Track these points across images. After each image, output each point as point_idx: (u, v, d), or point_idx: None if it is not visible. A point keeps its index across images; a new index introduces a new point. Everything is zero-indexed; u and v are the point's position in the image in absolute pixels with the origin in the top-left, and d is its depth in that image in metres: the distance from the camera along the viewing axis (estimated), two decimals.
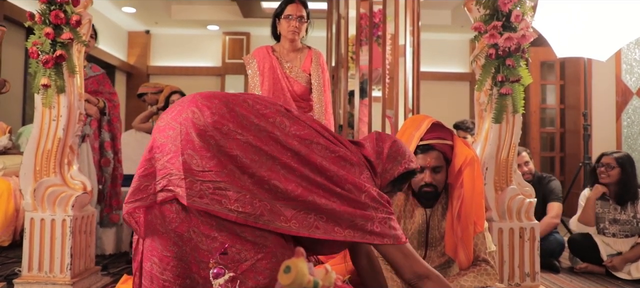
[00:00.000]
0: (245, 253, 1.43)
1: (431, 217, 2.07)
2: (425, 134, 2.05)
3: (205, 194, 1.40)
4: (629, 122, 5.05)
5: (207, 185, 1.40)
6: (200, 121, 1.45)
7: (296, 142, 1.52)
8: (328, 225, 1.47)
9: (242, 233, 1.43)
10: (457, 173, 2.03)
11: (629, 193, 3.34)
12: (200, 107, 1.48)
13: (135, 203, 1.47)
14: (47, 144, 2.55)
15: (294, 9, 2.81)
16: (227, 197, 1.40)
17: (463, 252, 1.97)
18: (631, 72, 5.03)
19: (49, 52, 2.48)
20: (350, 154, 1.59)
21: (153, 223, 1.48)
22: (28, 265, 2.52)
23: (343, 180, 1.52)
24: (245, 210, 1.40)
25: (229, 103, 1.50)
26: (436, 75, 8.01)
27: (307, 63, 2.90)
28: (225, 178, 1.41)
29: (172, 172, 1.43)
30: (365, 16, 4.23)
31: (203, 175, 1.40)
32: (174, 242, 1.45)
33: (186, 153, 1.42)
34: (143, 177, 1.48)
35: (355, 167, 1.57)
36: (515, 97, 2.51)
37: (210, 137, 1.43)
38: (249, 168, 1.44)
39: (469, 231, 1.96)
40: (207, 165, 1.41)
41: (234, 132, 1.46)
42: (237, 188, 1.41)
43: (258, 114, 1.52)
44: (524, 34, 2.45)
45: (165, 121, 1.51)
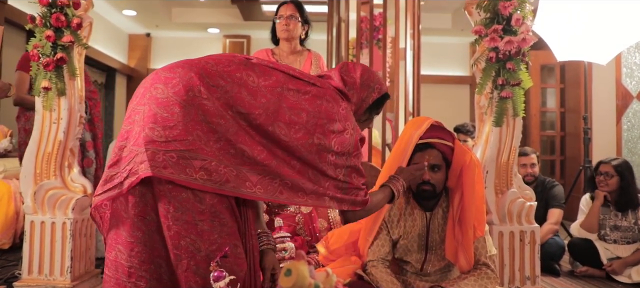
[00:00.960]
0: (200, 243, 1.40)
1: (431, 221, 2.06)
2: (425, 133, 2.05)
3: (169, 164, 1.36)
4: (629, 125, 5.05)
5: (170, 154, 1.37)
6: (163, 94, 1.42)
7: (266, 95, 1.50)
8: (292, 191, 1.49)
9: (201, 223, 1.41)
10: (458, 176, 2.03)
11: (629, 200, 3.34)
12: (162, 80, 1.45)
13: (102, 196, 1.45)
14: (48, 147, 2.55)
15: (284, 9, 2.86)
16: (191, 165, 1.37)
17: (463, 256, 1.96)
18: (631, 76, 5.03)
19: (50, 54, 2.48)
20: (322, 90, 1.59)
21: (117, 212, 1.45)
22: (28, 268, 2.51)
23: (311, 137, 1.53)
24: (211, 178, 1.38)
25: (192, 67, 1.47)
26: (436, 78, 8.01)
27: (307, 65, 2.92)
28: (190, 146, 1.38)
29: (137, 152, 1.40)
30: (366, 19, 4.23)
31: (166, 145, 1.37)
32: (137, 226, 1.42)
33: (148, 127, 1.39)
34: (110, 167, 1.45)
35: (331, 102, 1.57)
36: (515, 100, 2.51)
37: (173, 106, 1.41)
38: (214, 133, 1.42)
39: (469, 235, 1.95)
40: (170, 134, 1.38)
41: (199, 98, 1.43)
42: (202, 156, 1.38)
43: (223, 73, 1.49)
44: (525, 37, 2.45)
45: (131, 108, 1.49)
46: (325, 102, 1.56)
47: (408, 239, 2.05)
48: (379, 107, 1.79)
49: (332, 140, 1.55)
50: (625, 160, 3.47)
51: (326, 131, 1.54)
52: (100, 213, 1.50)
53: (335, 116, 1.56)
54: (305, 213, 2.39)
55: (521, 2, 2.49)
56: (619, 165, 3.37)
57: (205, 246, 1.40)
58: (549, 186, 3.73)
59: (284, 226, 2.31)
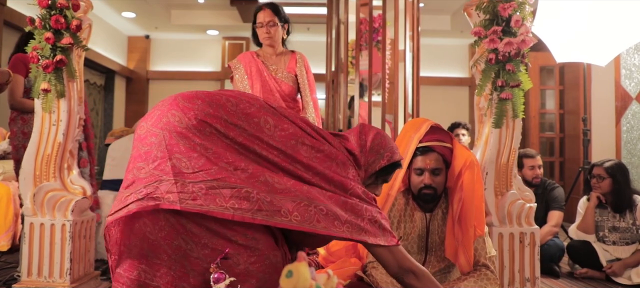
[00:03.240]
0: (238, 257, 1.39)
1: (431, 222, 2.07)
2: (424, 136, 2.06)
3: (198, 196, 1.35)
4: (629, 127, 5.05)
5: (199, 185, 1.35)
6: (182, 123, 1.41)
7: (282, 142, 1.50)
8: (328, 218, 1.43)
9: (234, 237, 1.40)
10: (457, 176, 2.04)
11: (623, 201, 3.34)
12: (182, 109, 1.44)
13: (115, 215, 1.42)
14: (47, 149, 2.55)
15: (262, 16, 2.89)
16: (221, 195, 1.35)
17: (463, 256, 1.97)
18: (630, 77, 5.04)
19: (49, 56, 2.48)
20: (335, 151, 1.58)
21: (142, 233, 1.41)
22: (27, 270, 2.51)
23: (330, 180, 1.52)
24: (242, 207, 1.35)
25: (212, 103, 1.47)
26: (436, 80, 8.02)
27: (291, 64, 2.97)
28: (218, 175, 1.36)
29: (161, 178, 1.37)
30: (365, 21, 4.24)
31: (194, 176, 1.36)
32: (163, 249, 1.39)
33: (174, 157, 1.37)
34: (126, 188, 1.43)
35: (340, 166, 1.57)
36: (515, 101, 2.51)
37: (193, 138, 1.40)
38: (239, 164, 1.41)
39: (469, 234, 1.96)
40: (197, 165, 1.37)
41: (218, 133, 1.43)
42: (231, 185, 1.36)
43: (242, 114, 1.49)
44: (524, 39, 2.45)
45: (145, 129, 1.46)
46: (335, 165, 1.56)
47: (408, 240, 2.06)
48: (388, 174, 1.75)
49: (348, 183, 1.56)
50: (618, 163, 3.48)
51: (340, 176, 1.55)
52: (109, 233, 1.48)
53: (345, 182, 1.55)
54: None
55: (521, 4, 2.49)
56: (610, 167, 3.38)
57: (244, 259, 1.40)
58: (550, 188, 3.74)
59: None
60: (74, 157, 2.69)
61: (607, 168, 3.38)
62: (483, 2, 2.52)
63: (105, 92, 8.14)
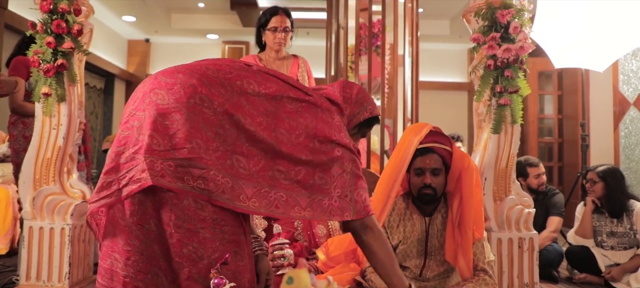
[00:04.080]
0: (202, 251, 1.39)
1: (431, 226, 2.07)
2: (424, 138, 2.07)
3: (166, 173, 1.35)
4: (627, 132, 5.07)
5: (168, 163, 1.36)
6: (164, 101, 1.41)
7: (264, 104, 1.51)
8: (288, 205, 1.46)
9: (202, 231, 1.39)
10: (456, 180, 2.05)
11: (616, 205, 3.35)
12: (163, 86, 1.44)
13: (99, 202, 1.42)
14: (47, 153, 2.56)
15: (278, 21, 2.80)
16: (190, 174, 1.36)
17: (463, 259, 1.97)
18: (628, 83, 5.05)
19: (50, 61, 2.48)
20: (319, 100, 1.60)
21: (114, 220, 1.43)
22: (26, 274, 2.51)
23: (315, 135, 1.53)
24: (208, 187, 1.37)
25: (193, 73, 1.46)
26: (435, 84, 8.03)
27: (294, 69, 2.93)
28: (189, 155, 1.37)
29: (138, 161, 1.38)
30: (365, 26, 4.25)
31: (165, 154, 1.36)
32: (135, 235, 1.40)
33: (147, 135, 1.38)
34: (107, 173, 1.42)
35: (326, 113, 1.59)
36: (513, 107, 2.52)
37: (174, 113, 1.39)
38: (214, 142, 1.41)
39: (468, 237, 1.96)
40: (170, 143, 1.37)
41: (201, 105, 1.42)
42: (201, 165, 1.37)
43: (224, 82, 1.48)
44: (522, 45, 2.47)
45: (128, 112, 1.47)
46: (321, 112, 1.58)
47: (407, 244, 2.07)
48: (368, 127, 1.81)
49: (334, 137, 1.55)
50: (611, 168, 3.49)
51: (327, 130, 1.55)
52: (95, 220, 1.48)
53: (331, 125, 1.57)
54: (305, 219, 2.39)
55: (519, 10, 2.51)
56: (602, 172, 3.40)
57: (208, 254, 1.39)
58: (550, 194, 3.75)
59: (282, 232, 2.31)
60: (73, 161, 2.69)
61: (598, 173, 3.40)
62: (482, 9, 2.54)
63: (105, 95, 8.15)
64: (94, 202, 1.43)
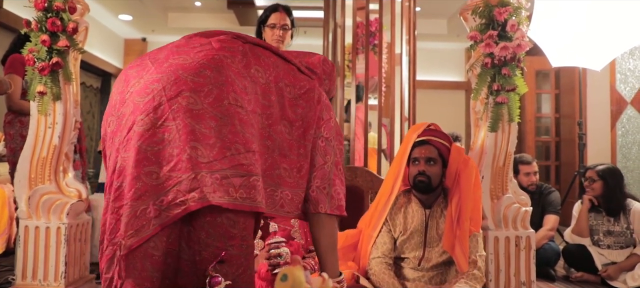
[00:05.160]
0: (227, 268, 1.30)
1: (430, 217, 2.17)
2: (423, 132, 2.22)
3: (216, 188, 1.23)
4: (624, 131, 5.07)
5: (215, 176, 1.23)
6: (196, 105, 1.26)
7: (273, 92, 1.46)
8: (293, 203, 1.43)
9: (231, 247, 1.29)
10: (455, 177, 2.13)
11: (614, 204, 3.36)
12: (190, 87, 1.28)
13: (138, 235, 1.21)
14: (43, 151, 2.54)
15: (277, 17, 2.78)
16: (232, 184, 1.25)
17: (460, 249, 2.05)
18: (625, 82, 5.06)
19: (45, 59, 2.47)
20: (312, 83, 1.59)
21: (138, 259, 1.24)
22: (22, 273, 2.50)
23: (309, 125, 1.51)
24: (250, 196, 1.27)
25: (219, 69, 1.34)
26: (432, 83, 8.03)
27: None
28: (230, 163, 1.26)
29: (178, 179, 1.22)
30: (362, 25, 4.24)
31: (211, 166, 1.23)
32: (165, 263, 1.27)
33: (189, 147, 1.22)
34: (138, 199, 1.22)
35: (319, 98, 1.58)
36: (511, 106, 2.52)
37: (209, 119, 1.26)
38: (252, 143, 1.32)
39: (464, 229, 2.05)
40: (211, 153, 1.24)
41: (234, 105, 1.31)
42: (240, 172, 1.27)
43: (242, 71, 1.40)
44: (520, 43, 2.46)
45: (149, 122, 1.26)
46: (314, 93, 1.56)
47: (407, 235, 2.16)
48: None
49: (322, 126, 1.55)
50: (610, 167, 3.50)
51: (319, 118, 1.55)
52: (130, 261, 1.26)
53: (323, 106, 1.58)
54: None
55: (516, 8, 2.50)
56: (601, 170, 3.41)
57: (232, 270, 1.30)
58: (546, 192, 3.75)
59: (279, 230, 2.31)
60: (69, 160, 2.68)
61: (598, 171, 3.41)
62: (479, 7, 2.53)
63: (102, 94, 8.13)
64: (131, 236, 1.22)
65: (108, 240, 1.27)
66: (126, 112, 1.33)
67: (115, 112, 1.37)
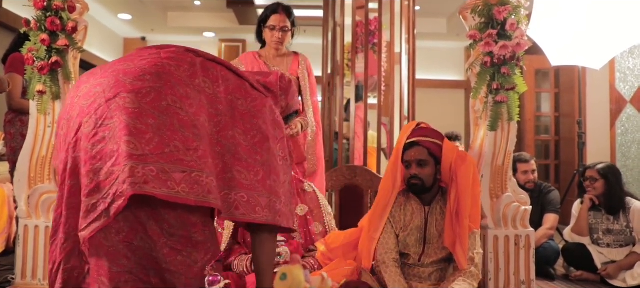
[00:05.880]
0: (196, 255, 1.38)
1: (430, 214, 2.21)
2: (412, 133, 2.24)
3: (149, 179, 1.28)
4: (623, 130, 5.07)
5: (150, 168, 1.29)
6: (134, 104, 1.34)
7: (222, 103, 1.50)
8: (249, 205, 1.46)
9: (195, 234, 1.38)
10: (450, 172, 2.16)
11: (616, 202, 3.36)
12: (129, 89, 1.36)
13: (90, 228, 1.32)
14: (42, 151, 2.54)
15: (277, 19, 2.77)
16: (172, 179, 1.30)
17: (460, 247, 2.09)
18: (625, 81, 5.06)
19: (45, 58, 2.47)
20: (265, 99, 1.63)
21: (97, 242, 1.34)
22: (22, 273, 2.50)
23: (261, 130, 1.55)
24: (193, 190, 1.32)
25: (160, 75, 1.41)
26: (432, 82, 8.03)
27: (294, 66, 2.90)
28: (169, 159, 1.32)
29: (118, 172, 1.30)
30: (361, 24, 4.24)
31: (144, 159, 1.29)
32: (123, 254, 1.34)
33: (123, 142, 1.30)
34: (89, 195, 1.33)
35: (271, 111, 1.62)
36: (510, 105, 2.52)
37: (147, 117, 1.33)
38: (193, 141, 1.37)
39: (464, 227, 2.08)
40: (147, 147, 1.31)
41: (173, 107, 1.37)
42: (181, 168, 1.32)
43: (187, 81, 1.45)
44: (519, 42, 2.47)
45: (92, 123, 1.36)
46: (267, 110, 1.60)
47: (407, 232, 2.20)
48: (289, 120, 1.92)
49: (278, 145, 1.60)
50: (610, 165, 3.50)
51: (273, 137, 1.59)
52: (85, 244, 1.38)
53: (276, 124, 1.62)
54: (301, 216, 2.38)
55: (516, 7, 2.51)
56: (602, 169, 3.41)
57: (201, 257, 1.38)
58: (546, 191, 3.75)
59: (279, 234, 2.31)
60: None
61: (599, 170, 3.41)
62: (478, 6, 2.53)
63: None
64: (84, 229, 1.34)
65: (65, 233, 1.38)
66: (74, 115, 1.42)
67: (66, 116, 1.47)
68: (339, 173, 3.03)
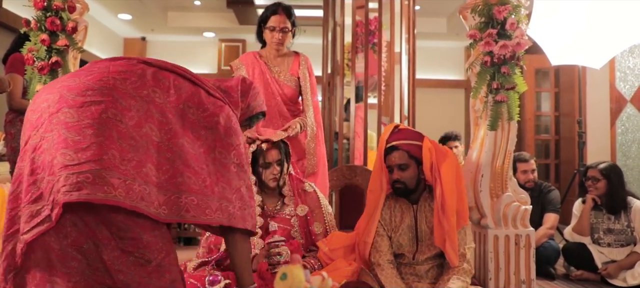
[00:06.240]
0: (149, 254, 1.43)
1: (418, 213, 2.24)
2: (390, 137, 2.27)
3: (84, 185, 1.35)
4: (624, 129, 5.07)
5: (85, 175, 1.35)
6: (73, 119, 1.41)
7: (171, 111, 1.55)
8: (199, 207, 1.52)
9: (144, 234, 1.43)
10: (431, 170, 2.18)
11: (618, 202, 3.36)
12: (71, 104, 1.43)
13: (33, 232, 1.39)
14: None
15: (277, 20, 2.77)
16: (109, 183, 1.36)
17: (449, 244, 2.11)
18: (625, 80, 5.06)
19: (45, 58, 2.47)
20: (221, 106, 1.68)
21: (47, 245, 1.41)
22: None
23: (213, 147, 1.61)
24: (128, 196, 1.38)
25: (103, 90, 1.47)
26: (432, 82, 8.03)
27: (294, 67, 2.89)
28: (106, 165, 1.38)
29: (54, 181, 1.38)
30: (361, 24, 4.24)
31: (79, 167, 1.36)
32: (72, 257, 1.40)
33: (59, 154, 1.38)
34: (34, 202, 1.42)
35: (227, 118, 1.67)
36: (510, 104, 2.52)
37: (85, 129, 1.40)
38: (129, 152, 1.43)
39: (452, 223, 2.10)
40: (84, 156, 1.37)
41: (113, 120, 1.43)
42: (118, 174, 1.39)
43: (133, 94, 1.50)
44: (519, 41, 2.47)
45: (38, 137, 1.45)
46: (222, 118, 1.65)
47: (399, 232, 2.23)
48: (255, 121, 1.97)
49: (232, 153, 1.64)
50: (612, 164, 3.50)
51: (225, 144, 1.63)
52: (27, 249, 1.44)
53: (231, 131, 1.66)
54: (301, 216, 2.39)
55: (516, 7, 2.51)
56: (604, 169, 3.40)
57: (154, 255, 1.44)
58: (546, 190, 3.75)
59: (278, 230, 2.31)
60: None
61: (601, 170, 3.40)
62: (478, 5, 2.53)
63: None
64: (26, 232, 1.41)
65: (6, 236, 1.46)
66: (25, 129, 1.53)
67: (22, 129, 1.57)
68: (339, 173, 3.03)
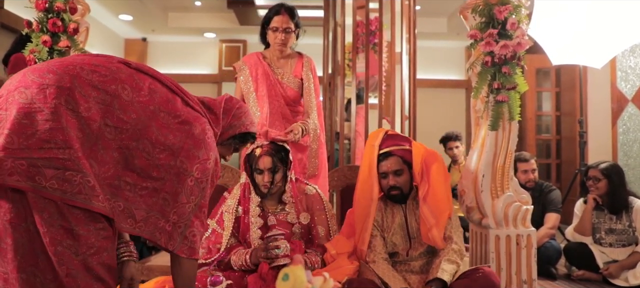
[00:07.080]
0: (77, 247, 1.40)
1: (407, 210, 2.31)
2: (383, 143, 2.31)
3: (15, 171, 1.34)
4: (625, 129, 5.07)
5: (20, 162, 1.34)
6: (27, 100, 1.39)
7: (137, 112, 1.50)
8: (123, 214, 1.48)
9: (76, 227, 1.40)
10: (421, 172, 2.25)
11: (619, 202, 3.36)
12: (29, 85, 1.41)
13: None
14: None
15: (280, 21, 2.75)
16: (42, 173, 1.35)
17: (436, 233, 2.18)
18: (626, 80, 5.06)
19: (46, 59, 2.47)
20: (195, 116, 1.62)
21: None
22: None
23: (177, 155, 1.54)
24: (62, 188, 1.37)
25: (64, 75, 1.44)
26: (432, 82, 8.03)
27: (298, 68, 2.87)
28: (45, 155, 1.36)
29: None
30: (362, 24, 4.25)
31: (17, 153, 1.35)
32: (9, 233, 1.39)
33: (5, 135, 1.36)
34: None
35: (199, 130, 1.60)
36: (511, 104, 2.52)
37: (35, 113, 1.38)
38: (76, 142, 1.40)
39: (444, 216, 2.19)
40: (26, 142, 1.36)
41: (65, 107, 1.41)
42: (55, 165, 1.37)
43: (97, 85, 1.47)
44: (520, 41, 2.46)
45: None
46: (195, 128, 1.59)
47: (392, 232, 2.29)
48: (242, 143, 1.87)
49: (194, 166, 1.56)
50: (613, 164, 3.50)
51: (191, 155, 1.56)
52: None
53: (202, 144, 1.59)
54: (304, 224, 2.37)
55: (516, 7, 2.50)
56: (605, 169, 3.40)
57: (82, 250, 1.41)
58: (547, 190, 3.75)
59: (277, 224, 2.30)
60: None
61: (602, 170, 3.40)
62: (479, 5, 2.53)
63: None
64: None
65: None
66: None
67: None
68: (340, 173, 3.03)
